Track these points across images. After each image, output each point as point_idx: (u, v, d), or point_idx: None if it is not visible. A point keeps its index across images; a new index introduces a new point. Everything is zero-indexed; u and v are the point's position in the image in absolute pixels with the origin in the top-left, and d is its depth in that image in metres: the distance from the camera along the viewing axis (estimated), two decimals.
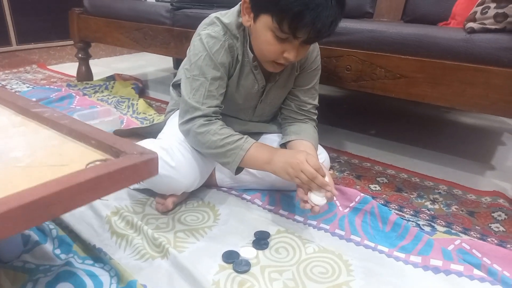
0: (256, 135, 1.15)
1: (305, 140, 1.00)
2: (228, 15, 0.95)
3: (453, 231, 0.98)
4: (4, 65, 2.38)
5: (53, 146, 0.74)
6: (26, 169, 0.65)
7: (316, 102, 1.08)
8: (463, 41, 1.05)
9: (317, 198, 0.86)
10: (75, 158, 0.69)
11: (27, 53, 2.49)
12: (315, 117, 1.09)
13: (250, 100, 1.05)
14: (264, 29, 0.85)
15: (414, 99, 1.14)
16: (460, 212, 1.07)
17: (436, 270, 0.83)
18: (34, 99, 1.76)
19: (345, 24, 1.21)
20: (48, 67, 2.48)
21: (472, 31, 1.05)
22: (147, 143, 1.02)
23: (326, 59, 1.24)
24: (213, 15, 0.96)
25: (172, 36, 1.62)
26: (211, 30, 0.93)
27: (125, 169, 0.63)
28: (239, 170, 0.94)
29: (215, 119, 0.94)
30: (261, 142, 0.95)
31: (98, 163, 0.67)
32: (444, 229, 0.99)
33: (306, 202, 0.87)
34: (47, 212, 0.53)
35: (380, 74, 1.17)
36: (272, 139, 1.14)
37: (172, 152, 0.94)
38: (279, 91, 1.05)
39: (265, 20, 0.83)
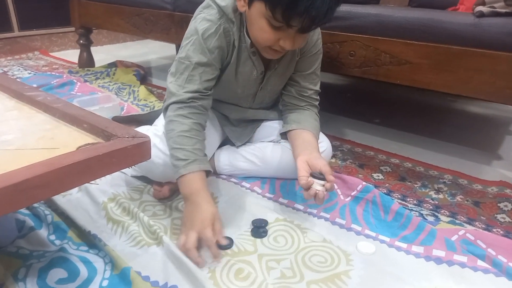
0: (256, 122, 1.13)
1: (306, 129, 0.97)
2: None
3: (457, 221, 0.95)
4: (6, 51, 2.37)
5: (45, 130, 0.72)
6: (16, 152, 0.64)
7: (317, 87, 1.05)
8: (471, 25, 1.01)
9: (317, 186, 0.83)
10: (66, 142, 0.68)
11: (29, 39, 2.47)
12: (316, 103, 1.06)
13: (249, 88, 1.02)
14: (258, 16, 0.82)
15: (418, 86, 1.11)
16: (465, 202, 1.05)
17: (438, 260, 0.80)
18: (34, 85, 1.74)
19: (350, 8, 1.18)
20: (50, 53, 2.46)
21: (481, 15, 1.01)
22: (142, 130, 1.00)
23: (329, 45, 1.20)
24: None
25: (173, 22, 1.59)
26: (206, 13, 0.90)
27: (116, 152, 0.61)
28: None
29: (190, 108, 0.88)
30: (202, 174, 0.84)
31: (89, 146, 0.65)
32: (448, 219, 0.96)
33: (309, 189, 0.84)
34: (32, 195, 0.51)
35: (384, 60, 1.13)
36: (273, 126, 1.12)
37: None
38: (279, 78, 1.02)
39: (259, 7, 0.80)
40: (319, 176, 0.83)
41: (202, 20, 0.89)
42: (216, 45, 0.89)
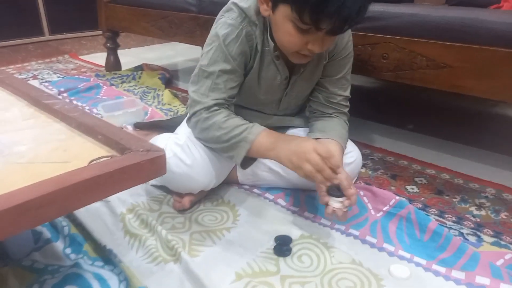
0: (281, 129, 1.07)
1: (331, 139, 0.91)
2: (247, 0, 0.86)
3: (502, 242, 0.86)
4: (37, 55, 2.41)
5: (59, 141, 0.69)
6: (26, 165, 0.61)
7: (347, 93, 0.98)
8: None
9: (334, 204, 0.77)
10: (79, 155, 0.64)
11: (59, 43, 2.51)
12: (346, 110, 0.99)
13: (273, 94, 0.96)
14: (284, 20, 0.76)
15: (459, 92, 1.02)
16: (511, 220, 0.95)
17: None
18: (62, 89, 1.76)
19: (382, 8, 1.10)
20: (80, 57, 2.49)
21: None
22: (162, 139, 0.96)
23: (360, 47, 1.13)
24: (231, 0, 0.88)
25: (197, 24, 1.56)
26: (227, 17, 0.85)
27: (128, 168, 0.57)
28: (246, 163, 0.87)
29: (220, 109, 0.86)
30: (268, 130, 0.85)
31: (102, 160, 0.62)
32: (492, 239, 0.87)
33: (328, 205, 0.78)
34: (36, 216, 0.48)
35: (420, 63, 1.05)
36: (299, 134, 1.05)
37: (188, 149, 0.88)
38: (305, 83, 0.96)
39: (284, 10, 0.74)
40: (336, 190, 0.76)
41: (223, 25, 0.85)
42: (238, 51, 0.85)
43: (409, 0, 1.36)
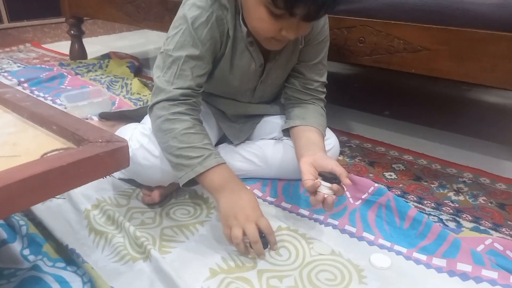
0: (256, 117, 1.03)
1: (310, 126, 0.87)
2: None
3: (481, 227, 0.85)
4: None
5: (9, 134, 0.62)
6: None
7: (324, 79, 0.94)
8: (497, 6, 0.90)
9: (324, 189, 0.73)
10: (30, 148, 0.58)
11: (20, 31, 2.36)
12: (323, 96, 0.95)
13: (248, 82, 0.91)
14: (256, 4, 0.71)
15: (437, 75, 0.99)
16: (489, 204, 0.94)
17: (464, 276, 0.70)
18: (22, 79, 1.65)
19: None
20: (43, 45, 2.35)
21: None
22: (129, 129, 0.90)
23: (335, 31, 1.09)
24: None
25: (166, 9, 1.48)
26: None
27: (84, 161, 0.51)
28: (190, 184, 0.78)
29: (186, 115, 0.78)
30: (225, 165, 0.77)
31: (56, 153, 0.55)
32: (472, 225, 0.86)
33: (315, 193, 0.74)
34: None
35: (398, 47, 1.02)
36: (274, 122, 1.01)
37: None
38: (281, 70, 0.91)
39: None
40: (330, 176, 0.72)
41: (191, 7, 0.78)
42: (208, 36, 0.78)
43: None
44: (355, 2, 1.06)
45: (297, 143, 0.86)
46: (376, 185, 0.92)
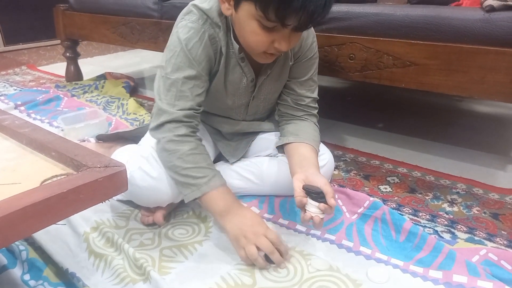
0: (251, 135, 1.04)
1: (303, 142, 0.89)
2: (209, 1, 0.83)
3: (476, 238, 0.86)
4: None
5: (8, 160, 0.63)
6: None
7: (315, 94, 0.96)
8: (481, 21, 0.93)
9: (311, 208, 0.75)
10: (30, 175, 0.59)
11: (16, 54, 2.38)
12: (315, 111, 0.97)
13: (240, 97, 0.93)
14: (247, 19, 0.73)
15: (426, 89, 1.02)
16: (483, 214, 0.95)
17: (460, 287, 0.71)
18: (19, 102, 1.66)
19: (347, 8, 1.09)
20: (38, 67, 2.38)
21: (492, 9, 0.93)
22: (126, 151, 0.92)
23: (326, 48, 1.12)
24: (191, 2, 0.84)
25: (160, 30, 1.51)
26: (188, 20, 0.81)
27: (84, 187, 0.52)
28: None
29: (188, 127, 0.81)
30: (226, 187, 0.81)
31: (55, 179, 0.57)
32: (466, 235, 0.87)
33: (305, 211, 0.76)
34: None
35: (387, 62, 1.04)
36: (269, 139, 1.03)
37: (153, 160, 0.83)
38: (273, 85, 0.94)
39: (248, 8, 0.71)
40: (314, 191, 0.74)
41: (183, 28, 0.81)
42: (203, 55, 0.81)
43: (372, 0, 1.36)
44: (344, 19, 1.09)
45: (290, 159, 0.88)
46: (371, 199, 0.93)
